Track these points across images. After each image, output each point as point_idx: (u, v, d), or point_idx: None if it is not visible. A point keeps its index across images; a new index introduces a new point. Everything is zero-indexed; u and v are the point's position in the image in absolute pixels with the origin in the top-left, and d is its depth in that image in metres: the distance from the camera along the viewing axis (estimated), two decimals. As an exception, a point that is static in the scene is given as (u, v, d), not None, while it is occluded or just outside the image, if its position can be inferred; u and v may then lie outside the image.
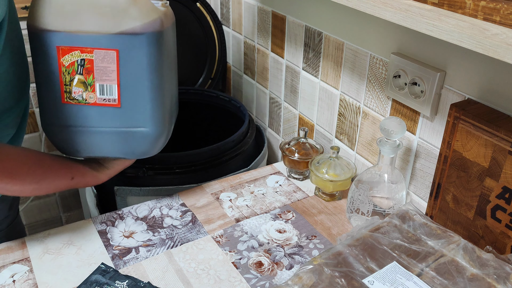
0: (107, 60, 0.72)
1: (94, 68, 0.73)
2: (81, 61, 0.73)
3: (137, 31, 0.71)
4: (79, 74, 0.73)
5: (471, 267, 0.67)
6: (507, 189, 0.69)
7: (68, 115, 0.77)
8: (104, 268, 0.79)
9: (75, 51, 0.72)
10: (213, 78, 1.52)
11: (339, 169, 0.95)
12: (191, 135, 1.43)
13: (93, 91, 0.74)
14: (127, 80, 0.74)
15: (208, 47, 1.48)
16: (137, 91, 0.75)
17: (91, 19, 0.71)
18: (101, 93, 0.74)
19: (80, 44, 0.72)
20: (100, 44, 0.72)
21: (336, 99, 1.06)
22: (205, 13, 1.44)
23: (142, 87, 0.75)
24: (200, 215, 0.93)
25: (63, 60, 0.73)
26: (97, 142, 0.81)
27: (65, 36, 0.72)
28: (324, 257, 0.70)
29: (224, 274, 0.79)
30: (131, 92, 0.75)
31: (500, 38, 0.57)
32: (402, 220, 0.77)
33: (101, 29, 0.71)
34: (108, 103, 0.75)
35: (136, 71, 0.74)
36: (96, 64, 0.72)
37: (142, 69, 0.74)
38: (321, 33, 1.04)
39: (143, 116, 0.78)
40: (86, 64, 0.73)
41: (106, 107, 0.75)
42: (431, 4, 0.70)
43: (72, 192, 1.67)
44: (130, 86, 0.74)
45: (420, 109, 0.84)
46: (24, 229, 1.05)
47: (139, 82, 0.74)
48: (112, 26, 0.71)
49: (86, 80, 0.74)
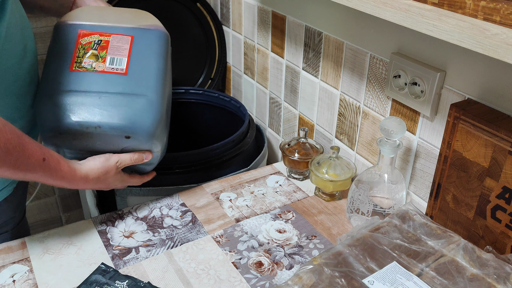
0: (122, 42, 0.85)
1: (108, 46, 0.84)
2: (98, 41, 0.84)
3: (151, 28, 0.89)
4: (93, 49, 0.84)
5: (471, 267, 0.67)
6: (507, 189, 0.69)
7: (73, 80, 0.82)
8: (104, 268, 0.79)
9: (94, 34, 0.85)
10: (213, 78, 1.52)
11: (339, 169, 0.95)
12: (191, 135, 1.43)
13: (103, 61, 0.83)
14: (137, 56, 0.85)
15: (208, 47, 1.48)
16: (144, 65, 0.85)
17: (113, 19, 0.88)
18: (111, 63, 0.83)
19: (100, 30, 0.85)
20: (118, 31, 0.86)
21: (336, 99, 1.06)
22: (205, 13, 1.44)
23: (149, 63, 0.86)
24: (200, 215, 0.93)
25: (82, 40, 0.84)
26: (97, 105, 0.81)
27: (88, 25, 0.86)
28: (324, 257, 0.70)
29: (224, 274, 0.79)
30: (138, 65, 0.84)
31: (500, 38, 0.57)
32: (402, 220, 0.77)
33: (121, 24, 0.87)
34: (116, 71, 0.83)
35: (145, 51, 0.86)
36: (112, 44, 0.84)
37: (151, 51, 0.86)
38: (321, 33, 1.04)
39: (146, 83, 0.84)
40: (102, 43, 0.85)
41: (112, 74, 0.83)
42: (431, 4, 0.70)
43: (72, 192, 1.67)
44: (138, 61, 0.85)
45: (420, 109, 0.84)
46: (29, 230, 1.04)
47: (146, 59, 0.86)
48: (130, 24, 0.88)
49: (99, 54, 0.83)
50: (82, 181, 0.81)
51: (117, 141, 0.83)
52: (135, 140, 0.84)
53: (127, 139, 0.83)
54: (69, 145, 0.83)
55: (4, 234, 0.92)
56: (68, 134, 0.81)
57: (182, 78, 1.48)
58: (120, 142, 0.84)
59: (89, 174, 0.82)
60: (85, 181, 0.81)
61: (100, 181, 0.83)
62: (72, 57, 0.83)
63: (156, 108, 0.83)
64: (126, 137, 0.82)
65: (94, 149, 0.84)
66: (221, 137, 1.16)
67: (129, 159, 0.85)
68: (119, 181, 0.87)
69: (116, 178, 0.86)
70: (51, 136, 0.81)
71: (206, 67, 1.50)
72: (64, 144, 0.83)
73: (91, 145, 0.83)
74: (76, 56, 0.83)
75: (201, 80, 1.51)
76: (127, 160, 0.85)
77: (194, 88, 1.38)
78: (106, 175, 0.84)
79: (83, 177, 0.81)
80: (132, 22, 0.88)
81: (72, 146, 0.83)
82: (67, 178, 0.79)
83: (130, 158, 0.85)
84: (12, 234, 0.93)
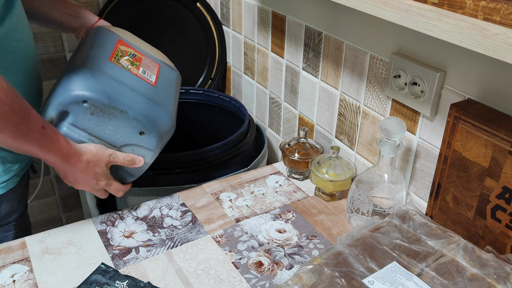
0: (152, 65, 0.95)
1: (141, 62, 0.93)
2: (133, 54, 0.93)
3: (173, 68, 1.04)
4: (129, 57, 0.92)
5: (471, 267, 0.67)
6: (507, 189, 0.69)
7: (110, 68, 0.86)
8: (104, 268, 0.79)
9: (130, 48, 0.94)
10: (213, 78, 1.52)
11: (339, 169, 0.95)
12: (191, 135, 1.43)
13: (137, 68, 0.91)
14: (162, 80, 0.95)
15: (208, 47, 1.48)
16: (166, 87, 0.96)
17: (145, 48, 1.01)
18: (143, 73, 0.91)
19: (135, 48, 0.97)
20: (149, 56, 0.98)
21: (336, 99, 1.06)
22: (205, 13, 1.44)
23: (170, 88, 0.97)
24: (200, 215, 0.93)
25: (120, 46, 0.92)
26: (129, 94, 0.85)
27: (126, 40, 0.97)
28: (324, 257, 0.70)
29: (224, 274, 0.79)
30: (163, 85, 0.94)
31: (500, 38, 0.57)
32: (402, 220, 0.77)
33: (151, 53, 1.01)
34: (147, 80, 0.90)
35: (168, 80, 0.98)
36: (144, 62, 0.94)
37: (172, 82, 1.00)
38: (321, 33, 1.04)
39: (168, 100, 0.93)
40: (137, 57, 0.94)
41: (144, 81, 0.90)
42: (431, 4, 0.70)
43: (72, 192, 1.67)
44: (163, 83, 0.94)
45: (420, 109, 0.84)
46: (31, 225, 1.06)
47: (169, 85, 0.97)
48: (158, 57, 1.02)
49: (134, 62, 0.91)
50: (75, 158, 0.81)
51: (128, 133, 0.85)
52: (145, 140, 0.86)
53: (140, 135, 0.86)
54: (80, 119, 0.82)
55: (8, 225, 0.94)
56: (93, 105, 0.81)
57: (182, 78, 1.48)
58: (130, 135, 0.85)
59: (83, 154, 0.82)
60: (77, 160, 0.82)
61: (90, 167, 0.84)
62: (111, 53, 0.90)
63: (172, 122, 0.90)
64: (140, 132, 0.85)
65: (98, 135, 0.84)
66: (221, 137, 1.16)
67: (123, 157, 0.87)
68: (104, 176, 0.87)
69: (103, 171, 0.86)
70: (71, 102, 0.80)
71: (206, 67, 1.50)
72: (75, 117, 0.82)
73: (101, 128, 0.84)
74: (115, 55, 0.90)
75: (201, 80, 1.51)
76: (120, 158, 0.86)
77: (194, 88, 1.39)
78: (97, 162, 0.84)
79: (77, 155, 0.81)
80: (160, 56, 1.02)
81: (80, 121, 0.82)
82: (62, 152, 0.79)
83: (123, 157, 0.87)
84: (16, 226, 0.96)
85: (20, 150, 0.75)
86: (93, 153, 0.83)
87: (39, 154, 0.76)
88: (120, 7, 1.34)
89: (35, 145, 0.75)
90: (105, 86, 0.82)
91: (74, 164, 0.82)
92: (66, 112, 0.81)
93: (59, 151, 0.78)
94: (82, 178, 0.85)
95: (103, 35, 0.94)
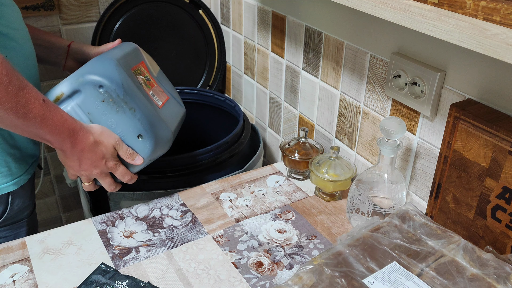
0: (161, 94, 0.98)
1: (153, 87, 0.97)
2: (148, 78, 0.96)
3: (181, 103, 1.07)
4: (144, 78, 0.95)
5: (471, 267, 0.67)
6: (507, 189, 0.69)
7: (130, 75, 0.89)
8: (104, 268, 0.79)
9: (148, 73, 0.98)
10: (213, 78, 1.52)
11: (339, 169, 0.95)
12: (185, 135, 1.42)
13: (148, 90, 0.93)
14: (168, 108, 0.98)
15: (207, 47, 1.48)
16: (172, 115, 0.99)
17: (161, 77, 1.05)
18: (152, 95, 0.94)
19: (151, 75, 0.99)
20: (161, 86, 1.01)
21: (336, 99, 1.06)
22: (203, 15, 1.44)
23: (175, 117, 1.00)
24: (200, 215, 0.93)
25: (141, 67, 0.96)
26: (139, 97, 0.87)
27: (148, 65, 1.00)
28: (324, 257, 0.70)
29: (224, 274, 0.79)
30: (168, 112, 0.98)
31: (500, 38, 0.57)
32: (402, 220, 0.77)
33: (164, 84, 1.04)
34: (154, 101, 0.94)
35: (174, 111, 1.01)
36: (155, 88, 0.97)
37: (178, 115, 1.02)
38: (321, 33, 1.04)
39: (172, 124, 0.96)
40: (150, 82, 0.97)
41: (152, 100, 0.93)
42: (431, 4, 0.70)
43: (72, 192, 1.67)
44: (169, 110, 0.98)
45: (420, 109, 0.84)
46: (38, 223, 1.07)
47: (174, 114, 1.00)
48: (171, 90, 1.05)
49: (147, 84, 0.94)
50: (82, 133, 0.79)
51: (127, 132, 0.85)
52: (140, 144, 0.87)
53: (138, 138, 0.86)
54: (89, 102, 0.82)
55: (21, 221, 0.96)
56: (107, 93, 0.82)
57: (182, 80, 1.48)
58: (128, 135, 0.85)
59: (90, 132, 0.81)
60: (84, 137, 0.80)
61: (98, 145, 0.82)
62: (133, 66, 0.93)
63: (170, 137, 0.92)
64: (138, 135, 0.86)
65: (98, 123, 0.85)
66: (217, 137, 1.15)
67: (126, 148, 0.85)
68: (113, 158, 0.85)
69: (112, 152, 0.84)
70: (88, 82, 0.81)
71: (206, 67, 1.50)
72: (86, 99, 0.82)
73: (104, 118, 0.84)
74: (135, 69, 0.93)
75: (202, 81, 1.51)
76: (124, 147, 0.85)
77: (188, 88, 1.38)
78: (105, 143, 0.82)
79: (84, 131, 0.80)
80: (172, 91, 1.06)
81: (88, 105, 0.82)
82: (68, 126, 0.77)
83: (126, 148, 0.85)
84: (28, 222, 0.98)
85: (24, 128, 0.73)
86: (100, 131, 0.82)
87: (44, 131, 0.74)
88: (120, 11, 1.35)
89: (38, 119, 0.73)
90: (124, 81, 0.84)
91: (81, 141, 0.80)
92: (78, 91, 0.82)
93: (64, 124, 0.76)
94: (89, 157, 0.82)
95: (135, 52, 0.98)
